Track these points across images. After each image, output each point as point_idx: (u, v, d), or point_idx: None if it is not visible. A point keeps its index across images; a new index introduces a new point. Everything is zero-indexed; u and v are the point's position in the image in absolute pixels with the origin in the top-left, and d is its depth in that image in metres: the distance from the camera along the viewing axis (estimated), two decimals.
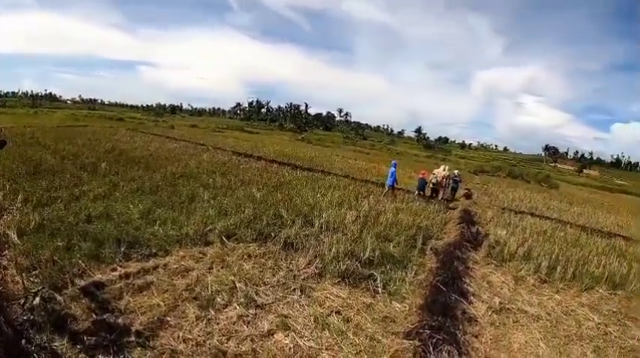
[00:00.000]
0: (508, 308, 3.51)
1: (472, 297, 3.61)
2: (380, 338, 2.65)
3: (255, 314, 2.71)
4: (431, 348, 2.42)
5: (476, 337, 2.93)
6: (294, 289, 3.19)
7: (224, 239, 3.96)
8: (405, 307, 3.18)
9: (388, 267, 3.88)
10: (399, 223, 5.43)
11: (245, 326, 2.55)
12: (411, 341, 2.51)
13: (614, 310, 3.73)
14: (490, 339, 2.94)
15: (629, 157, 79.51)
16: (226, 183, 6.48)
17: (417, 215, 6.19)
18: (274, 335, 2.51)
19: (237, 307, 2.75)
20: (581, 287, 4.16)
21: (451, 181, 8.72)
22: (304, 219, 4.83)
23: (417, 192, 8.23)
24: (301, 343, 2.45)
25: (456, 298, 3.43)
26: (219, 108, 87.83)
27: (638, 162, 78.40)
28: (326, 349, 2.44)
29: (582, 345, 3.02)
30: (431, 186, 8.41)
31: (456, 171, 9.30)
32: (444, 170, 8.80)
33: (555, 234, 6.51)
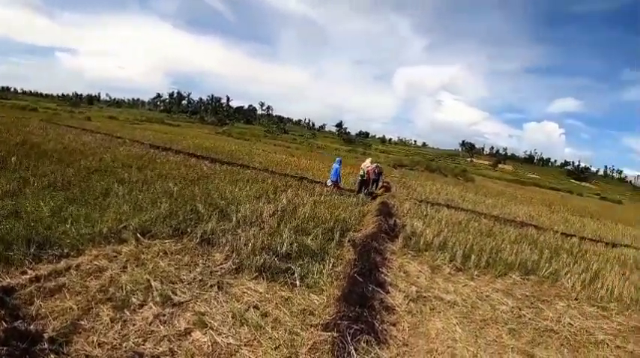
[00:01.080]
0: (425, 297, 8.30)
1: (389, 287, 8.35)
2: (299, 331, 5.98)
3: (172, 313, 5.95)
4: (349, 338, 5.57)
5: (394, 325, 6.83)
6: (211, 285, 7.00)
7: (139, 236, 8.59)
8: (323, 299, 7.17)
9: (306, 259, 8.79)
10: (316, 216, 12.50)
11: (162, 326, 5.59)
12: (329, 333, 5.74)
13: (527, 294, 9.54)
14: (408, 327, 6.93)
15: (541, 153, 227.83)
16: (143, 178, 13.92)
17: (335, 208, 14.51)
18: (192, 334, 5.54)
19: (153, 306, 5.98)
20: (495, 274, 10.51)
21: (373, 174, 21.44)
22: (221, 214, 10.87)
23: (331, 186, 20.35)
24: (219, 340, 5.42)
25: (374, 288, 7.80)
26: (138, 99, 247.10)
27: (549, 158, 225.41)
28: (245, 345, 5.46)
29: (497, 328, 7.63)
30: (359, 179, 20.72)
31: (376, 164, 22.36)
32: (371, 163, 21.54)
33: (470, 225, 15.98)
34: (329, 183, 20.64)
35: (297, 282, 7.60)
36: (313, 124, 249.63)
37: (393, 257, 10.47)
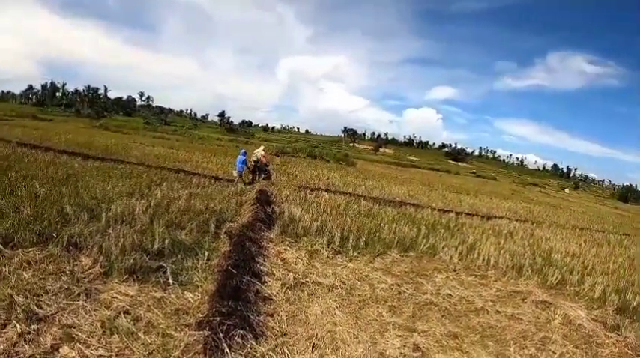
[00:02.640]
0: (303, 283, 8.47)
1: (266, 276, 8.47)
2: (172, 333, 5.78)
3: (38, 329, 5.49)
4: (221, 335, 5.48)
5: (271, 316, 6.86)
6: (79, 294, 6.54)
7: (0, 247, 7.84)
8: (198, 296, 7.01)
9: (179, 256, 8.64)
10: (192, 209, 12.24)
11: (27, 345, 5.14)
12: (202, 332, 5.56)
13: (406, 270, 10.03)
14: (286, 315, 6.97)
15: (420, 137, 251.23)
16: (6, 181, 12.91)
17: (211, 199, 14.35)
18: (59, 350, 5.16)
19: (18, 325, 5.44)
20: (374, 254, 11.06)
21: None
22: (91, 214, 10.12)
23: (238, 177, 21.30)
24: (88, 353, 5.12)
25: (249, 279, 7.78)
26: (9, 92, 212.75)
27: (428, 141, 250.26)
28: (116, 355, 5.20)
29: (378, 307, 7.76)
30: (251, 167, 22.53)
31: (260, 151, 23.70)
32: (263, 150, 23.44)
33: (349, 207, 15.82)
34: (235, 173, 21.31)
35: (170, 281, 7.36)
36: (195, 114, 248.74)
37: (270, 245, 10.44)
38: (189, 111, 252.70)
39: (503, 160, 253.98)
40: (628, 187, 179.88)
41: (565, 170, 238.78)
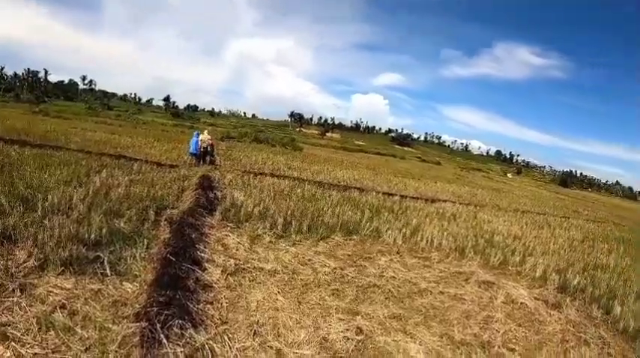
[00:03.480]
0: (244, 268, 8.30)
1: (206, 263, 8.20)
2: (110, 326, 5.53)
3: None
4: (159, 326, 5.29)
5: (211, 303, 6.68)
6: (13, 290, 6.14)
7: None
8: (137, 286, 6.73)
9: (118, 245, 8.19)
10: (131, 196, 11.66)
11: None
12: (139, 323, 5.31)
13: (350, 253, 10.03)
14: (227, 303, 6.80)
15: (366, 122, 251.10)
16: None
17: (152, 185, 13.71)
18: None
19: None
20: (317, 238, 11.01)
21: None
22: (27, 204, 9.54)
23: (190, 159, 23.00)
24: (24, 352, 4.87)
25: (189, 267, 7.56)
26: None
27: (374, 126, 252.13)
28: (52, 352, 4.97)
29: (320, 291, 7.73)
30: (202, 151, 23.29)
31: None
32: (208, 133, 24.50)
33: (293, 192, 15.73)
34: (187, 156, 22.51)
35: (108, 271, 7.05)
36: (140, 99, 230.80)
37: (212, 231, 10.13)
38: (133, 96, 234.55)
39: (448, 146, 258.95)
40: (568, 173, 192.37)
41: (508, 156, 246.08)
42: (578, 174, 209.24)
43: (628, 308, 9.99)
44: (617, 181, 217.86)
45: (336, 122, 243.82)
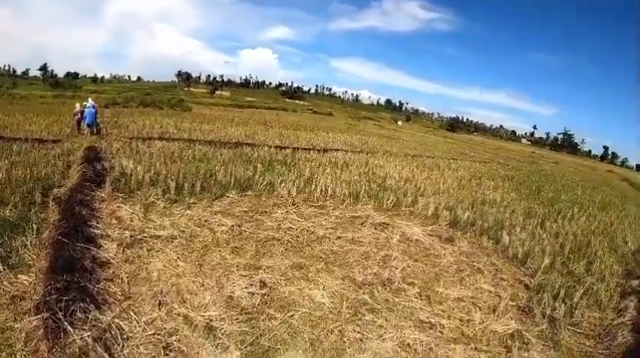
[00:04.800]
0: (141, 239, 8.12)
1: (101, 240, 7.86)
2: (12, 324, 5.15)
3: None
4: (61, 315, 5.06)
5: (111, 280, 6.51)
6: None
7: None
8: (32, 276, 6.25)
9: (6, 235, 7.45)
10: (13, 180, 10.64)
11: None
12: (40, 315, 4.99)
13: (246, 210, 10.12)
14: (127, 277, 6.68)
15: (256, 77, 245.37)
16: None
17: (35, 165, 12.41)
18: None
19: None
20: (212, 198, 11.23)
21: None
22: None
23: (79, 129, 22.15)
24: None
25: (83, 246, 7.21)
26: None
27: (264, 81, 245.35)
28: None
29: (220, 250, 7.81)
30: (85, 120, 21.85)
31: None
32: (92, 100, 23.51)
33: (184, 154, 15.39)
34: (84, 126, 21.26)
35: (0, 266, 6.42)
36: (15, 71, 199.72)
37: (103, 205, 9.70)
38: (7, 68, 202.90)
39: (339, 97, 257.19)
40: (455, 118, 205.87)
41: (398, 104, 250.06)
42: (465, 120, 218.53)
43: (515, 236, 10.97)
44: (501, 125, 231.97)
45: (226, 79, 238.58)
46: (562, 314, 7.56)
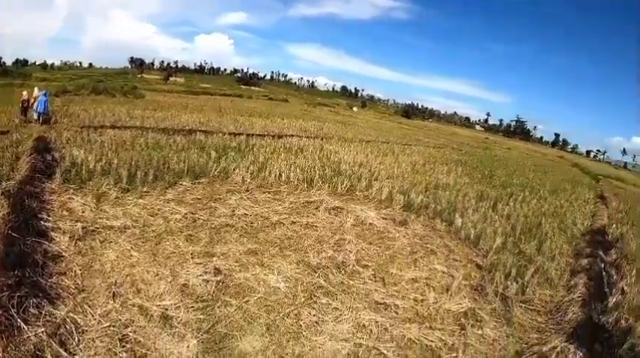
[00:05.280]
0: (93, 230, 7.90)
1: (52, 233, 7.61)
2: None
3: None
4: (13, 311, 4.92)
5: (64, 274, 6.33)
6: None
7: None
8: None
9: None
10: None
11: None
12: None
13: (200, 197, 10.02)
14: (80, 270, 6.51)
15: (211, 64, 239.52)
16: None
17: None
18: None
19: None
20: (165, 186, 10.91)
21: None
22: None
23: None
24: None
25: (34, 240, 6.97)
26: None
27: (219, 67, 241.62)
28: None
29: (174, 239, 7.77)
30: (35, 110, 21.24)
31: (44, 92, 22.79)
32: (39, 90, 22.78)
33: (136, 142, 15.01)
34: (35, 116, 20.78)
35: None
36: None
37: (54, 197, 9.39)
38: None
39: (295, 83, 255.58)
40: (410, 105, 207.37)
41: (353, 91, 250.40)
42: (420, 106, 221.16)
43: (468, 219, 11.21)
44: (455, 112, 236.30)
45: (180, 65, 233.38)
46: (514, 292, 7.82)
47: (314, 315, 6.06)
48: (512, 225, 11.94)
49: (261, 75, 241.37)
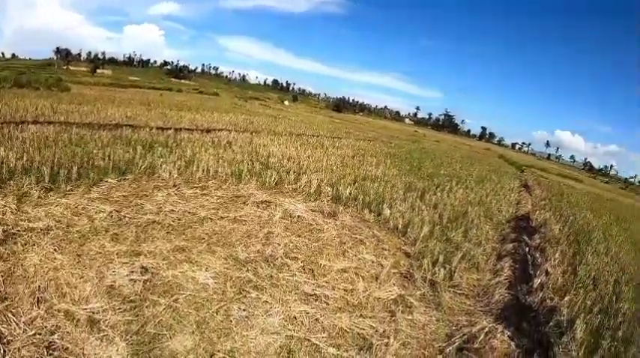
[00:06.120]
0: (15, 233, 7.20)
1: None
2: None
3: None
4: None
5: None
6: None
7: None
8: None
9: None
10: None
11: None
12: None
13: (126, 194, 9.63)
14: (1, 276, 5.93)
15: (140, 55, 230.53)
16: None
17: None
18: None
19: None
20: (90, 183, 10.05)
21: None
22: None
23: None
24: None
25: None
26: None
27: (149, 59, 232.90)
28: None
29: (99, 238, 7.49)
30: None
31: None
32: None
33: (59, 138, 14.24)
34: None
35: None
36: None
37: None
38: None
39: (226, 76, 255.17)
40: (342, 99, 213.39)
41: (285, 84, 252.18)
42: (351, 100, 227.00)
43: (396, 209, 11.45)
44: (386, 106, 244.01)
45: (108, 57, 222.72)
46: (442, 277, 8.09)
47: (244, 310, 6.00)
48: (439, 213, 12.24)
49: (191, 67, 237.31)
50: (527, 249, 11.23)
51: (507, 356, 6.09)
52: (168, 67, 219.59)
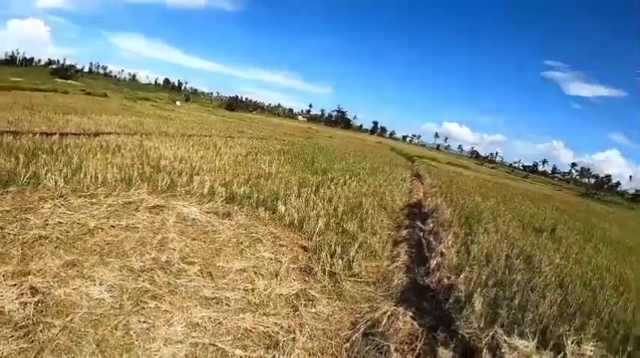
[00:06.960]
0: None
1: None
2: None
3: None
4: None
5: None
6: None
7: None
8: None
9: None
10: None
11: None
12: None
13: (9, 209, 8.73)
14: None
15: (24, 53, 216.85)
16: None
17: None
18: None
19: None
20: None
21: None
22: None
23: None
24: None
25: None
26: None
27: (33, 58, 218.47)
28: None
29: None
30: None
31: None
32: None
33: None
34: None
35: None
36: None
37: None
38: None
39: (115, 76, 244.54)
40: (234, 98, 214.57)
41: (177, 84, 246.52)
42: (245, 99, 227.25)
43: (291, 205, 11.55)
44: (279, 104, 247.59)
45: None
46: (341, 268, 8.23)
47: (144, 322, 5.74)
48: (334, 206, 12.46)
49: (79, 67, 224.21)
50: (421, 233, 11.69)
51: (412, 335, 6.25)
52: (54, 66, 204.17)
